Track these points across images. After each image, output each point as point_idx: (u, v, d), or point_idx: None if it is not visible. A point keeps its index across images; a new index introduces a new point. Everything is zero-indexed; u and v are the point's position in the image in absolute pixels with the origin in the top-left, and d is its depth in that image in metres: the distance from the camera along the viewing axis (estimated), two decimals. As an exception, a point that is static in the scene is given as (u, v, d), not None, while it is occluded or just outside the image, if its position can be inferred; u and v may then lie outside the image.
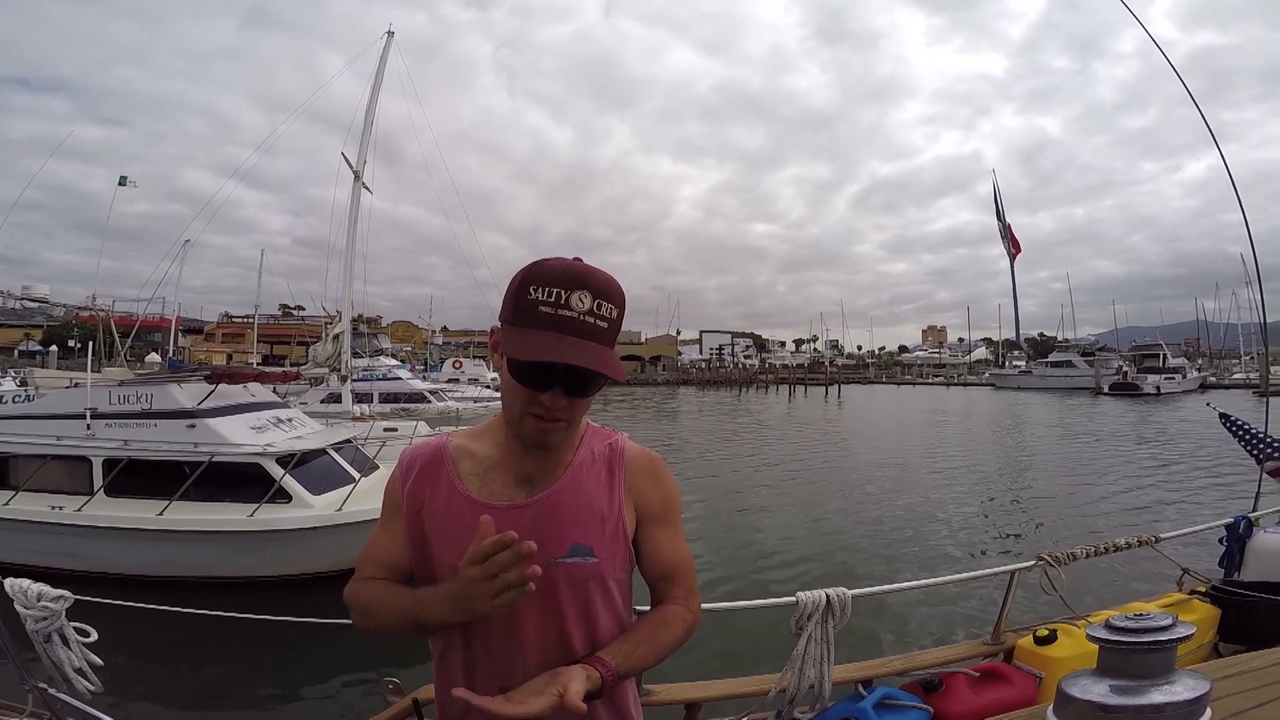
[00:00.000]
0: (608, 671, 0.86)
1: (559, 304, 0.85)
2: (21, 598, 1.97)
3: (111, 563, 5.77)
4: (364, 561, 1.03)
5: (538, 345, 0.85)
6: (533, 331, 0.86)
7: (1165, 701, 1.17)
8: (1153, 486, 11.81)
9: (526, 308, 0.87)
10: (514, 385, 0.91)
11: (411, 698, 1.58)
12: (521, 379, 0.89)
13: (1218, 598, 2.59)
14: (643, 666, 0.94)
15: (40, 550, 5.86)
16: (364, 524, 5.91)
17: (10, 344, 54.65)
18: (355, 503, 6.09)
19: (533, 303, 0.86)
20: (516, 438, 0.96)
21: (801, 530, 8.69)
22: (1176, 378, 47.71)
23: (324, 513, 5.99)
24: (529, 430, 0.92)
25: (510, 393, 0.92)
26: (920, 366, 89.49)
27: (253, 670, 4.60)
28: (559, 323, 0.85)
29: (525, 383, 0.89)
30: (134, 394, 6.57)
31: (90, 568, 5.82)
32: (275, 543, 5.89)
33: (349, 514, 5.95)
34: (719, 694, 1.93)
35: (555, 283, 0.86)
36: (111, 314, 12.88)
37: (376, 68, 13.99)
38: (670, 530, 1.04)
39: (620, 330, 0.93)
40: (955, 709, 1.97)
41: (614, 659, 0.88)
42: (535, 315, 0.86)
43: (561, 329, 0.85)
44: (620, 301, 0.91)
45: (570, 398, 0.90)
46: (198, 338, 63.40)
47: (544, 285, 0.86)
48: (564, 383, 0.88)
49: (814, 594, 1.80)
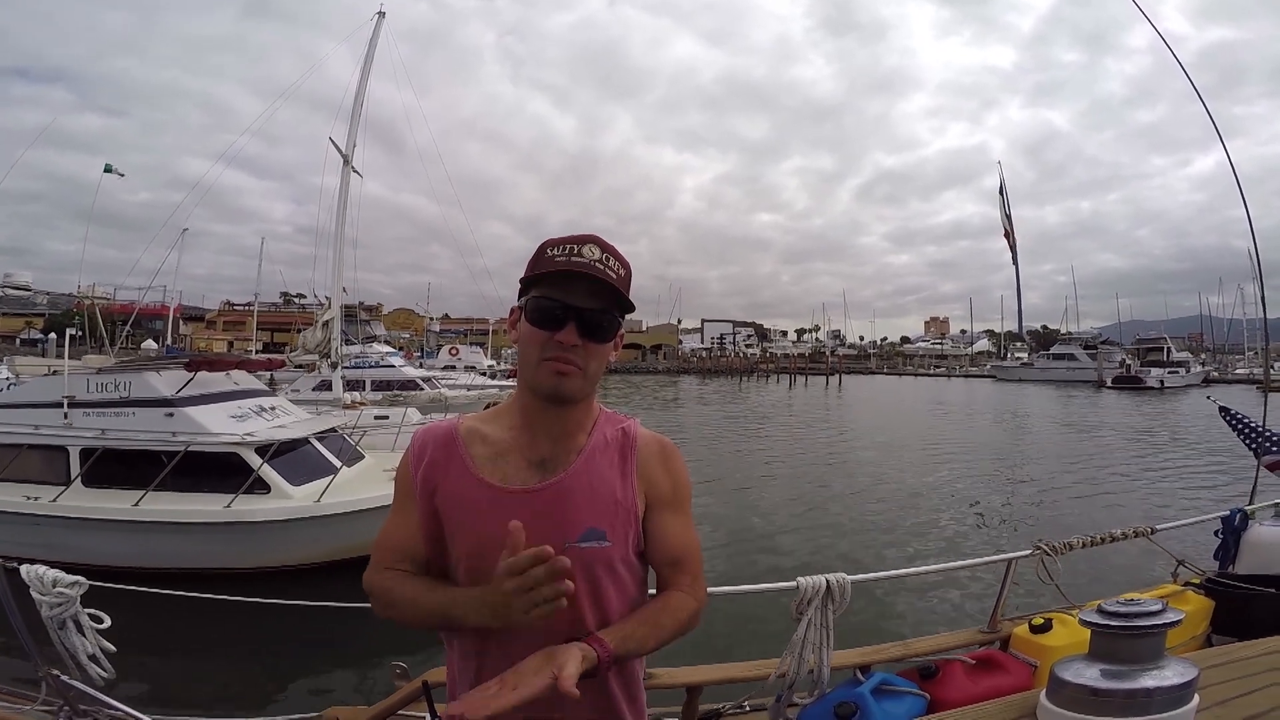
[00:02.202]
0: (605, 651, 0.87)
1: (572, 254, 0.93)
2: (38, 584, 1.98)
3: (88, 554, 5.49)
4: (381, 549, 1.02)
5: (556, 269, 0.92)
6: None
7: (1155, 686, 1.20)
8: (1151, 479, 11.86)
9: (543, 263, 0.94)
10: (530, 334, 0.94)
11: (421, 679, 1.62)
12: (538, 319, 0.94)
13: (1212, 590, 2.61)
14: (642, 649, 0.95)
15: (15, 541, 5.66)
16: (343, 516, 5.84)
17: (12, 332, 54.78)
18: (335, 494, 5.96)
19: (549, 258, 0.94)
20: (534, 395, 0.98)
21: (800, 517, 8.75)
22: (1180, 372, 47.65)
23: (302, 504, 5.85)
24: (545, 378, 0.94)
25: (527, 344, 0.95)
26: (922, 357, 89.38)
27: (261, 656, 4.65)
28: (573, 268, 0.93)
29: (541, 323, 0.93)
30: (112, 382, 6.44)
31: (66, 559, 5.60)
32: (251, 534, 5.75)
33: (327, 505, 5.83)
34: (720, 678, 1.96)
35: (568, 240, 0.95)
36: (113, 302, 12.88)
37: (366, 50, 13.87)
38: (680, 516, 1.05)
39: (629, 290, 0.99)
40: (951, 695, 2.00)
41: (612, 639, 0.89)
42: (552, 265, 0.93)
43: (576, 270, 0.93)
44: (627, 266, 0.98)
45: (584, 340, 0.94)
46: (199, 325, 63.48)
47: (559, 244, 0.95)
48: (578, 321, 0.93)
49: (814, 579, 1.83)
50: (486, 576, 0.93)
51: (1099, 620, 1.25)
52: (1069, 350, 56.96)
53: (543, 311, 0.93)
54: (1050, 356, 57.99)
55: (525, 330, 0.95)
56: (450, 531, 0.97)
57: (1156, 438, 18.06)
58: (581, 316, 0.93)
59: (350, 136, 13.50)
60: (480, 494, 0.96)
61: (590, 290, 0.93)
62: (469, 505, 0.96)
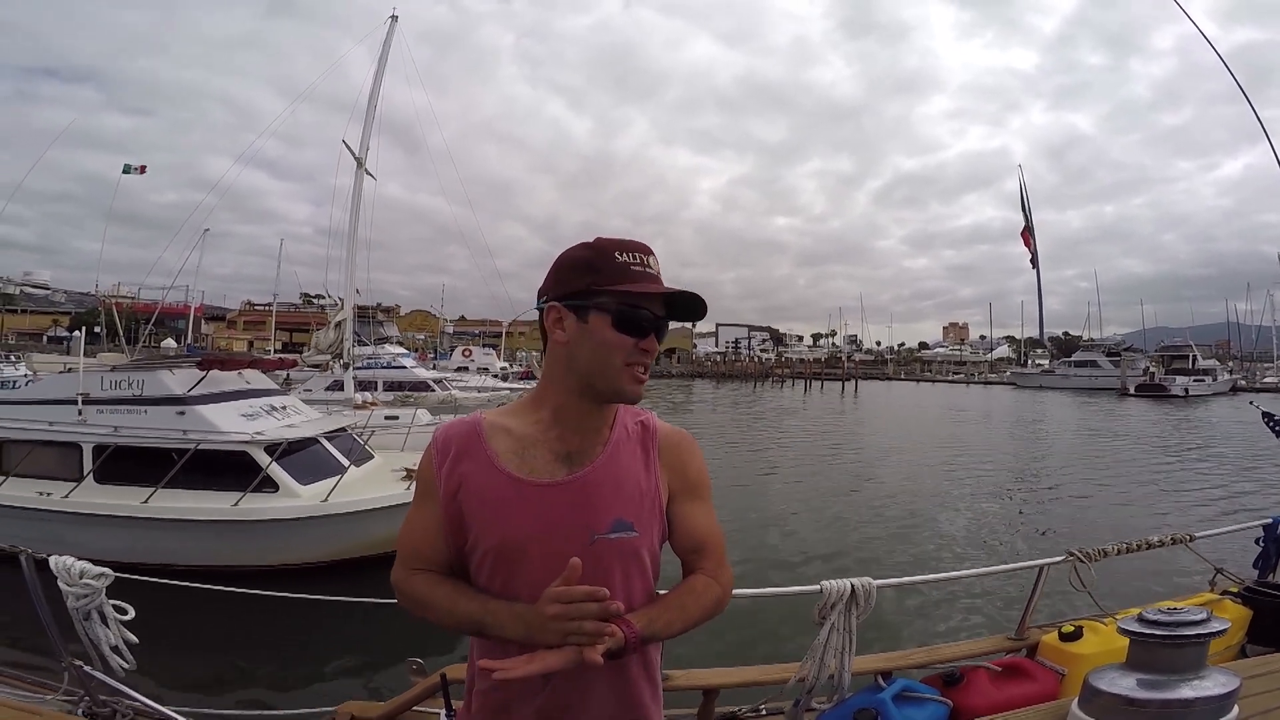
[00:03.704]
0: (631, 632, 0.88)
1: (644, 265, 0.97)
2: (65, 575, 2.01)
3: (98, 550, 5.34)
4: (407, 549, 1.03)
5: (645, 283, 0.95)
6: (632, 282, 0.95)
7: (1195, 697, 1.15)
8: (1181, 488, 11.58)
9: (618, 268, 0.95)
10: (615, 340, 0.95)
11: (440, 674, 1.61)
12: (627, 327, 0.95)
13: (1250, 599, 2.53)
14: (668, 632, 0.95)
15: (28, 536, 5.60)
16: (349, 515, 5.87)
17: (39, 330, 56.23)
18: (342, 494, 5.99)
19: (624, 264, 0.95)
20: (597, 396, 0.99)
21: (822, 525, 8.66)
22: (1206, 380, 46.49)
23: (309, 503, 5.88)
24: (629, 384, 0.97)
25: (609, 349, 0.95)
26: (940, 363, 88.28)
27: (276, 651, 4.70)
28: (648, 278, 0.97)
29: (630, 331, 0.95)
30: (125, 380, 6.53)
31: (76, 555, 5.68)
32: (258, 532, 5.79)
33: (334, 505, 5.86)
34: (738, 681, 1.93)
35: (634, 249, 0.97)
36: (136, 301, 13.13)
37: (380, 53, 14.05)
38: (702, 504, 1.07)
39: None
40: (975, 703, 1.95)
41: (639, 621, 0.90)
42: (629, 272, 0.95)
43: (652, 282, 0.97)
44: None
45: (658, 346, 0.99)
46: (220, 325, 64.61)
47: (626, 250, 0.97)
48: (656, 330, 0.98)
49: (839, 583, 1.79)
50: (514, 571, 0.95)
51: (1139, 629, 1.21)
52: (1091, 357, 55.88)
53: (635, 319, 0.95)
54: (1072, 363, 56.93)
55: (610, 336, 0.95)
56: (477, 526, 0.97)
57: (1184, 446, 17.65)
58: (658, 326, 0.98)
59: (364, 139, 13.71)
60: (508, 487, 0.96)
61: (657, 299, 0.98)
62: (496, 499, 0.96)
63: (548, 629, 0.84)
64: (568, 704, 0.95)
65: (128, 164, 17.67)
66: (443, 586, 0.97)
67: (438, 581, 0.98)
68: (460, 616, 0.93)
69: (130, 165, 17.72)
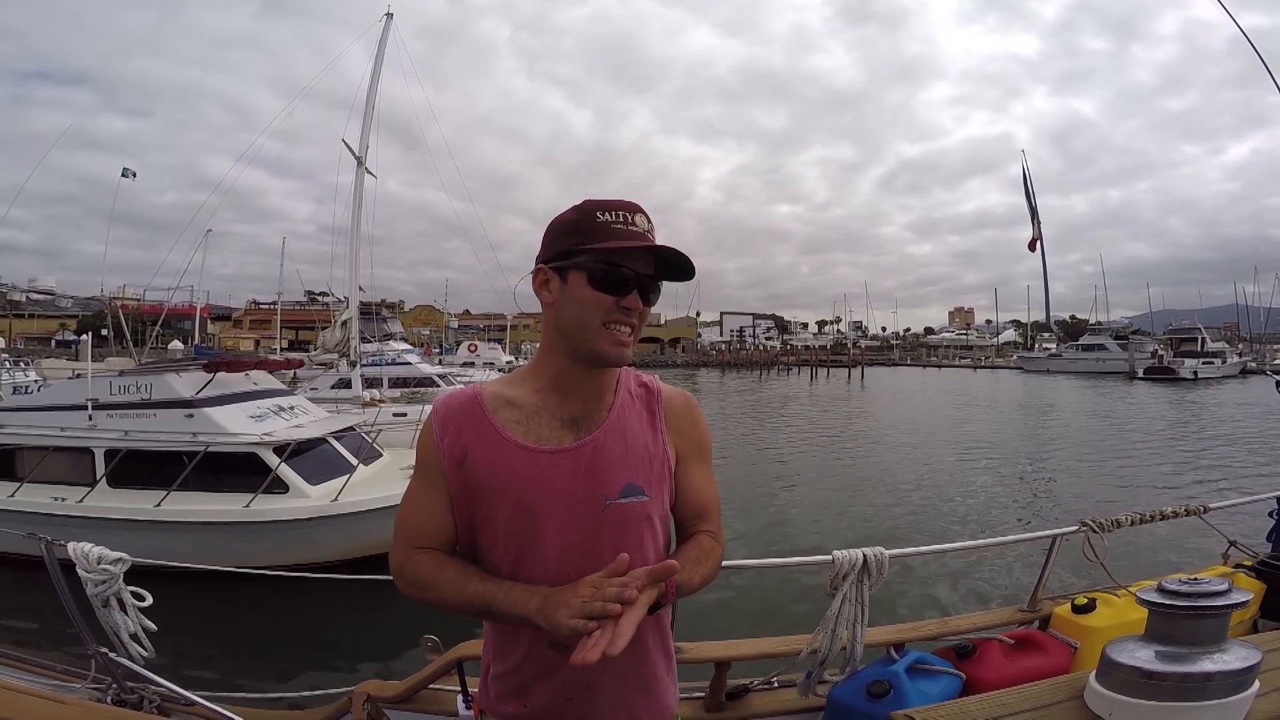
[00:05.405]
0: (670, 582, 0.87)
1: (628, 223, 0.92)
2: (83, 561, 2.02)
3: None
4: (410, 528, 0.98)
5: (628, 240, 0.91)
6: (614, 239, 0.91)
7: (1215, 670, 1.12)
8: (1192, 466, 11.53)
9: (598, 226, 0.92)
10: (591, 298, 0.92)
11: (455, 657, 1.62)
12: (604, 285, 0.92)
13: (1264, 572, 2.51)
14: (689, 589, 0.95)
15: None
16: (360, 514, 5.89)
17: (48, 334, 56.61)
18: (352, 493, 6.01)
19: (604, 223, 0.92)
20: (581, 359, 0.96)
21: (833, 505, 8.67)
22: (1215, 362, 45.95)
23: (319, 503, 5.91)
24: (608, 345, 0.93)
25: (585, 308, 0.92)
26: (946, 349, 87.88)
27: (292, 636, 4.75)
28: (632, 235, 0.92)
29: (608, 289, 0.92)
30: (134, 384, 6.58)
31: None
32: (270, 534, 5.82)
33: (344, 504, 5.89)
34: (749, 653, 1.93)
35: (618, 207, 0.93)
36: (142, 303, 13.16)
37: (376, 51, 14.01)
38: (704, 468, 1.07)
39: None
40: (988, 675, 1.95)
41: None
42: (610, 230, 0.91)
43: (635, 239, 0.93)
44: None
45: (642, 305, 0.95)
46: (226, 325, 64.87)
47: (609, 209, 0.93)
48: (639, 287, 0.93)
49: (851, 553, 1.79)
50: (528, 542, 0.93)
51: (1159, 599, 1.18)
52: (1099, 340, 55.34)
53: (611, 277, 0.91)
54: (1079, 347, 56.44)
55: (586, 294, 0.92)
56: (487, 497, 0.94)
57: (1194, 427, 17.54)
58: (643, 283, 0.94)
59: (363, 138, 13.69)
60: (515, 456, 0.94)
61: (644, 257, 0.94)
62: (504, 468, 0.94)
63: (567, 604, 0.81)
64: (587, 682, 0.95)
65: (126, 168, 17.72)
66: (452, 567, 0.94)
67: (446, 561, 0.95)
68: (471, 595, 0.90)
69: (127, 169, 17.77)
